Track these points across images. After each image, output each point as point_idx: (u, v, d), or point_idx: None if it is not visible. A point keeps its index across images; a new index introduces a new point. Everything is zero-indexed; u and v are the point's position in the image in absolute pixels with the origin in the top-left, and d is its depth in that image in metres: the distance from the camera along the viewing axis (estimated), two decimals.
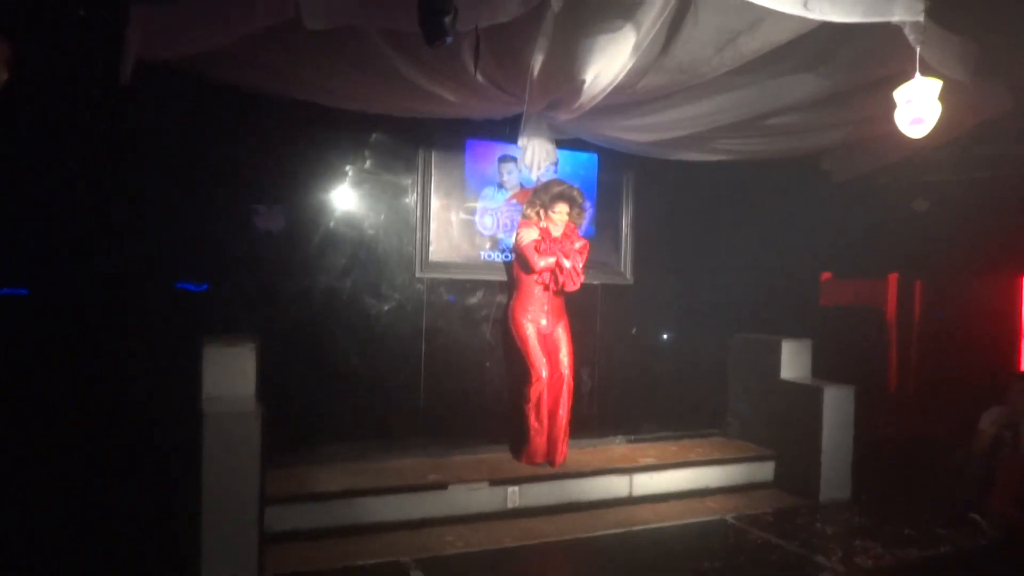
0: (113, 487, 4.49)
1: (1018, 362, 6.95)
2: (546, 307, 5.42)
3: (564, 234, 5.42)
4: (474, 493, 4.99)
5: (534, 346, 5.37)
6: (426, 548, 4.43)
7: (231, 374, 4.30)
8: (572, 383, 5.51)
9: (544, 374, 5.34)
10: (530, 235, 5.32)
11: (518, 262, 5.44)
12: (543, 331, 5.42)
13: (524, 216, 5.50)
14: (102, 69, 3.82)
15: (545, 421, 5.35)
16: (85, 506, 4.38)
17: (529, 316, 5.40)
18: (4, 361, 4.52)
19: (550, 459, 5.39)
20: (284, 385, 4.99)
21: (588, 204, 6.14)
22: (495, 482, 5.06)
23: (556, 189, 5.37)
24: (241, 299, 5.12)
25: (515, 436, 5.49)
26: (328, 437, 5.30)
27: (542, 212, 5.39)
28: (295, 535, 4.41)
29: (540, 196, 5.40)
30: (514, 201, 5.99)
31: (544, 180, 5.45)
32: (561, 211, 5.36)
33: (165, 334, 4.76)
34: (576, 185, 5.50)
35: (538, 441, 5.35)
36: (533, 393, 5.34)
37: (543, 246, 5.30)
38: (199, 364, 4.26)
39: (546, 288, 5.39)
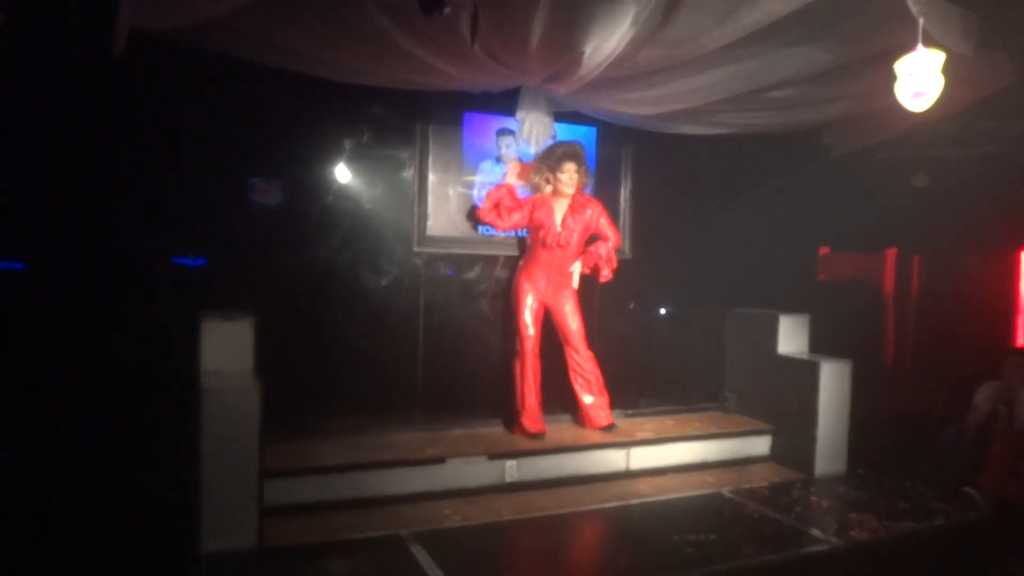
0: (112, 461, 4.51)
1: (1014, 338, 6.97)
2: (550, 271, 5.46)
3: (576, 203, 5.44)
4: (472, 467, 5.02)
5: (525, 312, 5.44)
6: (425, 521, 4.45)
7: (229, 349, 4.31)
8: (592, 353, 5.58)
9: (529, 345, 5.42)
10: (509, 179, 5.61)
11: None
12: (544, 297, 5.44)
13: (533, 185, 5.52)
14: (95, 39, 3.77)
15: (532, 388, 5.41)
16: (84, 481, 4.40)
17: (530, 281, 5.46)
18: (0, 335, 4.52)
19: (588, 424, 5.57)
20: (282, 360, 4.97)
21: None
22: (493, 456, 5.08)
23: (560, 150, 5.41)
24: (239, 274, 5.09)
25: (508, 407, 5.53)
26: (326, 411, 5.30)
27: (550, 176, 5.40)
28: (294, 509, 4.42)
29: (546, 161, 5.41)
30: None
31: (546, 147, 5.46)
32: (570, 170, 5.39)
33: (162, 309, 4.75)
34: (577, 140, 5.53)
35: (527, 410, 5.39)
36: (518, 349, 5.45)
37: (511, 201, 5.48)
38: (197, 339, 4.25)
39: (544, 247, 5.41)
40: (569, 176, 5.40)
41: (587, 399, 5.58)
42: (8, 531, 3.99)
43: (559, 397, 5.69)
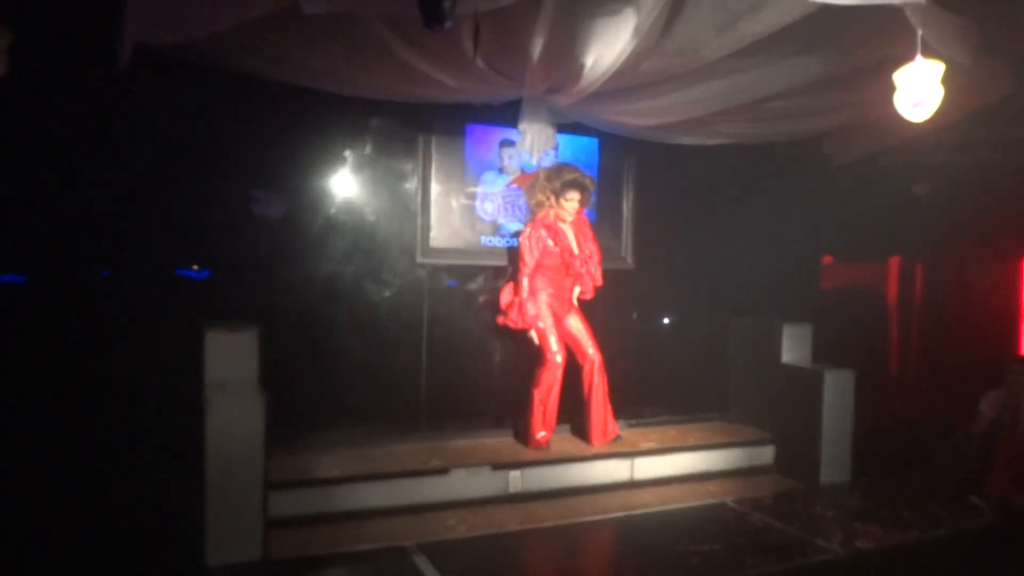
0: (117, 473, 4.52)
1: (1018, 345, 6.96)
2: (559, 290, 5.46)
3: (578, 224, 5.47)
4: (476, 478, 5.02)
5: (550, 329, 5.38)
6: (429, 532, 4.45)
7: (233, 360, 4.31)
8: (603, 365, 5.53)
9: (559, 360, 5.35)
10: (529, 259, 5.33)
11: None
12: (558, 314, 5.44)
13: (535, 201, 5.44)
14: (99, 54, 3.80)
15: (552, 407, 5.38)
16: (89, 493, 4.41)
17: (545, 292, 5.41)
18: (5, 346, 4.53)
19: (596, 439, 5.50)
20: (286, 371, 5.00)
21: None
22: (497, 467, 5.08)
23: (569, 176, 5.33)
24: (242, 286, 5.11)
25: (522, 422, 5.52)
26: (330, 423, 5.32)
27: (553, 199, 5.37)
28: (299, 520, 4.43)
29: (552, 182, 5.35)
30: (515, 186, 5.97)
31: (557, 164, 5.42)
32: (573, 199, 5.35)
33: (166, 321, 4.77)
34: (588, 173, 5.50)
35: (542, 426, 5.38)
36: (546, 377, 5.35)
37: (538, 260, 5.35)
38: (201, 351, 4.27)
39: (566, 272, 5.42)
40: (572, 206, 5.36)
41: (596, 412, 5.52)
42: (12, 543, 4.00)
43: (560, 407, 5.67)
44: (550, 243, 5.37)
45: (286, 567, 3.98)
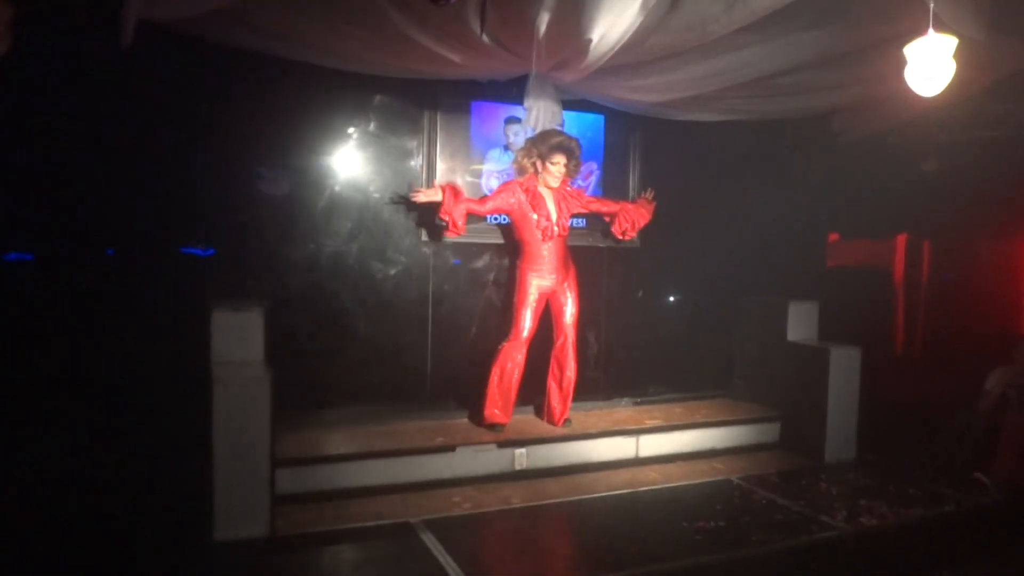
0: (124, 451, 4.55)
1: None
2: (554, 262, 5.40)
3: (562, 192, 5.41)
4: (482, 455, 5.05)
5: (528, 306, 5.33)
6: (435, 509, 4.48)
7: (240, 339, 4.32)
8: (576, 344, 5.52)
9: (524, 336, 5.32)
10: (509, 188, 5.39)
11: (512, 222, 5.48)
12: (547, 290, 5.40)
13: (519, 166, 5.41)
14: (103, 31, 3.78)
15: (515, 383, 5.32)
16: (97, 470, 4.44)
17: (536, 274, 5.38)
18: (11, 325, 4.55)
19: (551, 419, 5.49)
20: (292, 349, 5.03)
21: (595, 165, 6.11)
22: (503, 444, 5.11)
23: (555, 139, 5.25)
24: (248, 264, 5.12)
25: (478, 393, 5.43)
26: (337, 401, 5.34)
27: (539, 163, 5.33)
28: (305, 497, 4.47)
29: (538, 146, 5.28)
30: None
31: (543, 130, 5.35)
32: (559, 162, 5.28)
33: (173, 299, 4.78)
34: (575, 136, 5.43)
35: (500, 402, 5.31)
36: (504, 350, 5.32)
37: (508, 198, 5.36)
38: (208, 329, 4.28)
39: (543, 239, 5.36)
40: (558, 169, 5.28)
41: (555, 393, 5.51)
42: (22, 520, 4.04)
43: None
44: (524, 201, 5.32)
45: (293, 543, 4.01)
